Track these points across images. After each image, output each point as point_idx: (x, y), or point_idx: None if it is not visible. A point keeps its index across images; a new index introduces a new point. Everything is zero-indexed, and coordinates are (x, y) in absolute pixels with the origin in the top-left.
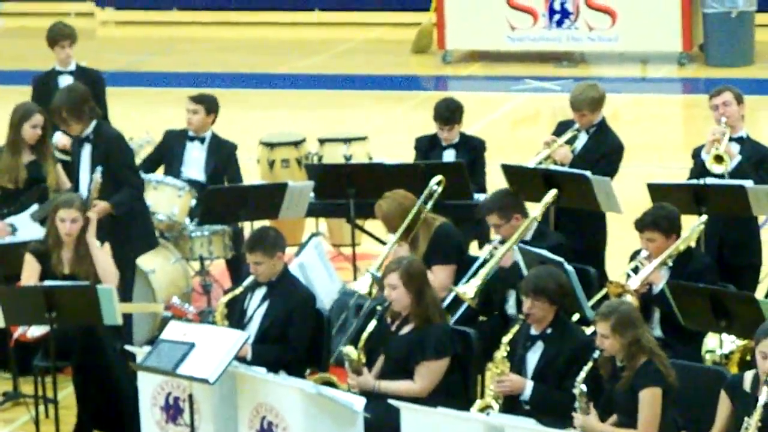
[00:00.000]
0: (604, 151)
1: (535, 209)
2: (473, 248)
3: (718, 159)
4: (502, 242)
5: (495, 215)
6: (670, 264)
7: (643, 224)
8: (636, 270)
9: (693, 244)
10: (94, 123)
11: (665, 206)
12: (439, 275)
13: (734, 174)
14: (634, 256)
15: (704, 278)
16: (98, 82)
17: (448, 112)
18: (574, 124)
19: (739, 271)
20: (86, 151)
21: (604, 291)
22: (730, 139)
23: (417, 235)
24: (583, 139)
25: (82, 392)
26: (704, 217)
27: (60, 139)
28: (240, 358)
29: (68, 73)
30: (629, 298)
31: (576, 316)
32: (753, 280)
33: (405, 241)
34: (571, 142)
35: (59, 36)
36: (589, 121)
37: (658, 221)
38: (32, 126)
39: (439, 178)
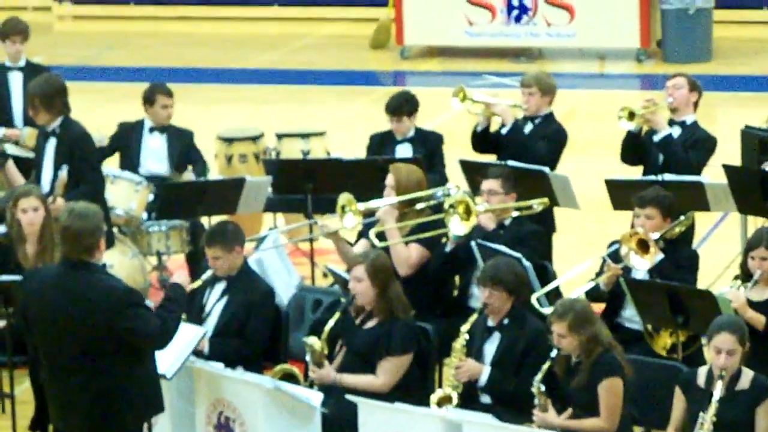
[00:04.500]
0: (547, 135)
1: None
2: None
3: (631, 115)
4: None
5: (499, 181)
6: (662, 246)
7: (645, 200)
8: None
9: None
10: (61, 118)
11: (665, 190)
12: (413, 253)
13: (660, 144)
14: (612, 245)
15: (690, 268)
16: None
17: (397, 103)
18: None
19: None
20: (51, 145)
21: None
22: (674, 123)
23: (407, 214)
24: (528, 128)
25: (39, 387)
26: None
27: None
28: (197, 353)
29: (17, 69)
30: (652, 250)
31: None
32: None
33: (401, 209)
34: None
35: (12, 31)
36: (537, 105)
37: (661, 199)
38: None
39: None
